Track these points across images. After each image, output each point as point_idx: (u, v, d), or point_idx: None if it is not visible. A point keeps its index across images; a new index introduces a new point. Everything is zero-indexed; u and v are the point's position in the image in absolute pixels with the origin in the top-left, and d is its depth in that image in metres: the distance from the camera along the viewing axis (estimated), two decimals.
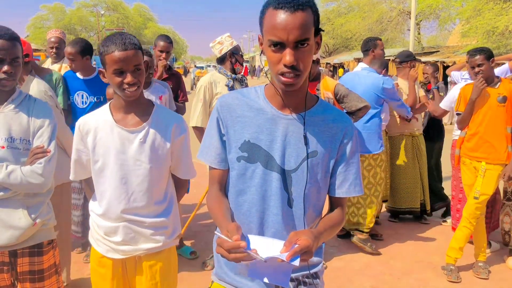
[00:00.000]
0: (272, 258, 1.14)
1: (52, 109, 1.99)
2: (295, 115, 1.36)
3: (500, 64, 4.23)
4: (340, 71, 25.21)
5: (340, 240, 4.08)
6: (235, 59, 3.36)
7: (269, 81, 1.41)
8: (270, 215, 1.39)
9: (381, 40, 4.32)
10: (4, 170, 1.76)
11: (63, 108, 3.13)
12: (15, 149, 1.82)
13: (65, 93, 3.31)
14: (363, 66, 4.21)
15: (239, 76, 3.40)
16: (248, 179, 1.39)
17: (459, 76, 4.88)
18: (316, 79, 3.59)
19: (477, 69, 3.29)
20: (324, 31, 1.31)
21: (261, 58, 1.46)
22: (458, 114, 3.46)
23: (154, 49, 3.86)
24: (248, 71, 39.99)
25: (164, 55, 3.78)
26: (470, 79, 4.41)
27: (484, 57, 3.26)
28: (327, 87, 3.53)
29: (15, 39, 1.79)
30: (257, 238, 1.24)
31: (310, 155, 1.35)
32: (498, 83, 3.32)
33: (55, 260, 2.01)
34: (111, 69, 1.64)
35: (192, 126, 3.28)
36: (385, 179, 4.05)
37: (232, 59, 3.36)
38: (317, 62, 3.63)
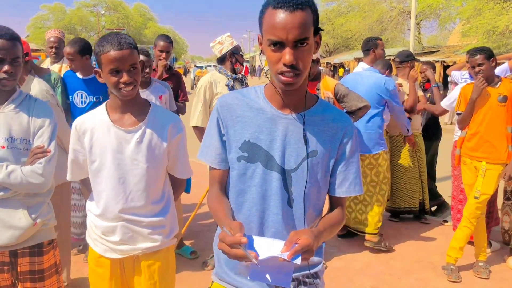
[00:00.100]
0: (273, 258, 1.14)
1: (52, 109, 1.99)
2: (294, 115, 1.36)
3: (500, 64, 4.22)
4: (341, 70, 25.21)
5: (341, 239, 4.08)
6: (235, 59, 3.36)
7: (269, 81, 1.41)
8: (270, 215, 1.39)
9: (381, 40, 4.32)
10: (4, 170, 1.76)
11: None
12: (15, 149, 1.82)
13: (63, 93, 3.30)
14: (364, 66, 4.20)
15: (239, 76, 3.40)
16: (248, 179, 1.39)
17: (459, 76, 4.88)
18: (316, 78, 3.58)
19: (477, 69, 3.28)
20: (323, 30, 1.31)
21: (260, 58, 1.46)
22: (458, 114, 3.46)
23: (154, 49, 3.85)
24: (249, 71, 40.01)
25: (164, 55, 3.78)
26: (470, 79, 4.41)
27: (484, 56, 3.25)
28: (327, 87, 3.53)
29: (15, 39, 1.79)
30: (259, 238, 1.25)
31: (310, 155, 1.35)
32: (499, 83, 3.32)
33: (56, 260, 2.01)
34: (107, 68, 1.64)
35: (192, 126, 3.29)
36: (389, 179, 4.04)
37: (232, 59, 3.36)
38: (317, 61, 3.62)
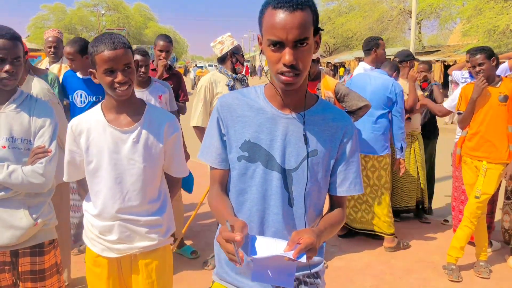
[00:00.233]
0: (278, 257, 1.15)
1: (53, 108, 1.99)
2: (295, 115, 1.36)
3: (500, 63, 4.22)
4: (341, 70, 25.22)
5: (341, 239, 4.09)
6: (235, 58, 3.36)
7: (269, 81, 1.41)
8: (271, 215, 1.39)
9: (383, 40, 4.32)
10: (5, 170, 1.76)
11: None
12: (16, 149, 1.82)
13: (60, 93, 3.29)
14: (365, 66, 4.21)
15: (240, 76, 3.40)
16: (248, 178, 1.39)
17: (460, 75, 4.87)
18: (316, 78, 3.58)
19: (478, 68, 3.28)
20: (323, 30, 1.31)
21: (260, 57, 1.47)
22: (459, 113, 3.45)
23: (154, 49, 3.86)
24: (249, 71, 40.01)
25: (163, 54, 3.77)
26: (470, 78, 4.41)
27: (485, 56, 3.25)
28: (327, 86, 3.53)
29: (16, 38, 1.79)
30: (262, 238, 1.25)
31: (310, 154, 1.36)
32: (499, 82, 3.31)
33: (57, 260, 2.02)
34: (101, 69, 1.65)
35: (193, 126, 3.29)
36: (390, 184, 4.05)
37: (233, 59, 3.36)
38: (317, 61, 3.62)
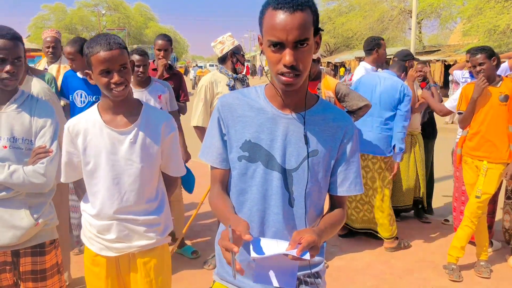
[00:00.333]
0: (280, 256, 1.15)
1: (54, 108, 2.00)
2: (295, 115, 1.36)
3: (501, 63, 4.22)
4: (342, 70, 25.20)
5: (342, 239, 4.09)
6: (236, 58, 3.37)
7: (269, 81, 1.41)
8: (271, 215, 1.39)
9: (384, 40, 4.32)
10: (6, 170, 1.77)
11: None
12: (17, 149, 1.82)
13: (57, 93, 3.30)
14: (366, 66, 4.21)
15: (240, 76, 3.40)
16: (249, 178, 1.39)
17: (460, 75, 4.87)
18: (317, 78, 3.58)
19: (478, 68, 3.28)
20: (323, 30, 1.31)
21: (261, 57, 1.47)
22: (460, 113, 3.45)
23: (154, 48, 3.86)
24: (250, 70, 40.00)
25: (162, 53, 3.76)
26: (471, 78, 4.41)
27: (485, 55, 3.25)
28: (328, 86, 3.53)
29: (17, 39, 1.79)
30: (264, 240, 1.26)
31: (310, 154, 1.36)
32: (500, 82, 3.31)
33: (58, 260, 2.02)
34: (97, 69, 1.64)
35: (193, 126, 3.29)
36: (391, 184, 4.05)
37: (233, 59, 3.36)
38: (318, 61, 3.62)
